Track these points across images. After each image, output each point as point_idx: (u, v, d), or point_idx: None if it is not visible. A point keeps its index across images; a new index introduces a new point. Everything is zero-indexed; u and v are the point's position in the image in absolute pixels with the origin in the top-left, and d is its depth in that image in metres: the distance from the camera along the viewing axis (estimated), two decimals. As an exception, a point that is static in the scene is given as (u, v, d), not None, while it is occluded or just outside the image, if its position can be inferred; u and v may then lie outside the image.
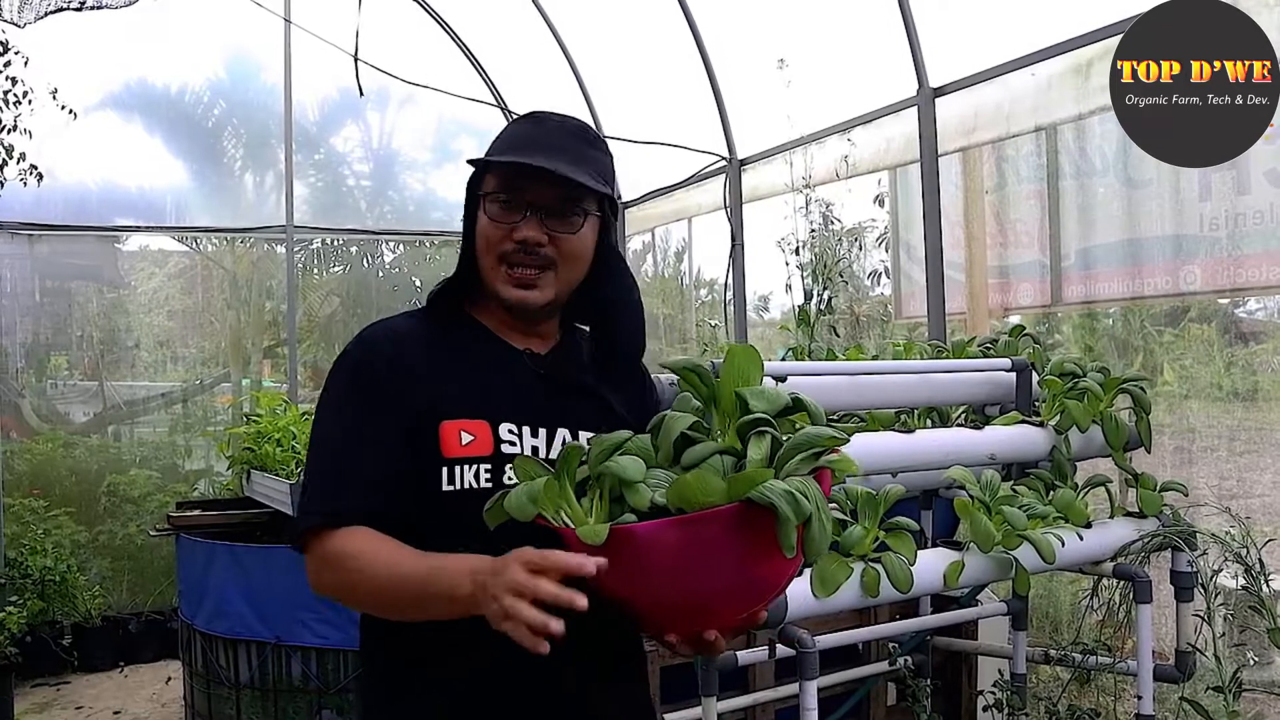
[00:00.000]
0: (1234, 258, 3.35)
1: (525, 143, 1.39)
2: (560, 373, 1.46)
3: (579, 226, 1.41)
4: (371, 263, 7.04)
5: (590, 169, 1.39)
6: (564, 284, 1.43)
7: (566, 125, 1.44)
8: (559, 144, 1.39)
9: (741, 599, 1.19)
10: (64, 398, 6.31)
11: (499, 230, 1.39)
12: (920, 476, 2.59)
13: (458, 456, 1.34)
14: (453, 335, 1.45)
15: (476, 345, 1.45)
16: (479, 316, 1.48)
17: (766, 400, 1.22)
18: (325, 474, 1.37)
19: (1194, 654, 2.48)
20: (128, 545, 5.86)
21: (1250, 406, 3.60)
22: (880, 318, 5.58)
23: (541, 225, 1.38)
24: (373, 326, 1.46)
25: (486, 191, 1.40)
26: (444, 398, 1.36)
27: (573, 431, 1.43)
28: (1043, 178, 4.10)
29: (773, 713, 2.77)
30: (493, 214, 1.39)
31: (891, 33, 3.98)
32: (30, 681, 5.22)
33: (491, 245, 1.40)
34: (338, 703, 3.37)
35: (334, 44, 5.26)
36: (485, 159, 1.41)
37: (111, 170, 6.24)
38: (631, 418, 1.48)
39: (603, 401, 1.48)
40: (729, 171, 5.28)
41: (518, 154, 1.37)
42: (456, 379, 1.39)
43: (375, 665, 1.42)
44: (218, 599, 3.59)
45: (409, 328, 1.45)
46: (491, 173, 1.40)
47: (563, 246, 1.40)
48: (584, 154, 1.40)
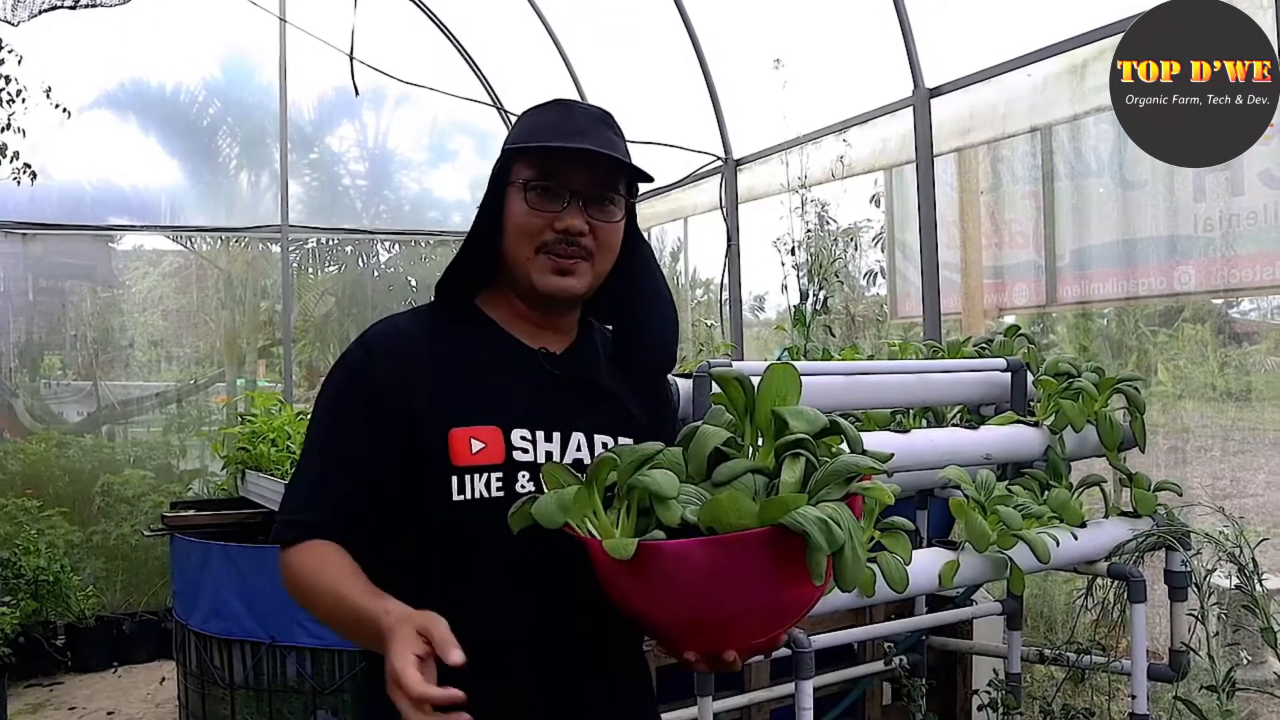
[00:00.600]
0: (1228, 258, 3.36)
1: (558, 128, 1.34)
2: (576, 373, 1.41)
3: (617, 216, 1.38)
4: (367, 262, 7.03)
5: (621, 154, 1.36)
6: (597, 275, 1.38)
7: (591, 112, 1.40)
8: (590, 129, 1.35)
9: (765, 622, 1.17)
10: (58, 397, 6.29)
11: (539, 219, 1.33)
12: (916, 476, 2.59)
13: (468, 465, 1.29)
14: (461, 333, 1.40)
15: (487, 345, 1.40)
16: (488, 310, 1.43)
17: (805, 420, 1.20)
18: (300, 483, 1.35)
19: (1188, 653, 2.48)
20: (122, 545, 5.85)
21: (1244, 407, 3.60)
22: (876, 318, 5.58)
23: (583, 213, 1.34)
24: (376, 326, 1.41)
25: (525, 179, 1.34)
26: (452, 403, 1.32)
27: (588, 436, 1.38)
28: (1038, 178, 4.11)
29: (768, 712, 2.77)
30: (533, 202, 1.33)
31: (887, 33, 3.99)
32: (23, 682, 5.20)
33: (530, 235, 1.34)
34: (333, 703, 3.36)
35: (330, 43, 5.26)
36: (523, 144, 1.35)
37: (106, 169, 6.23)
38: (648, 420, 1.45)
39: (620, 404, 1.43)
40: (725, 171, 5.29)
41: (555, 139, 1.33)
42: (465, 383, 1.35)
43: (374, 664, 1.40)
44: (212, 599, 3.58)
45: (414, 327, 1.40)
46: (525, 160, 1.35)
47: (600, 236, 1.36)
48: (611, 139, 1.37)
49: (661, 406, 1.52)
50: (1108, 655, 2.63)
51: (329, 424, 1.36)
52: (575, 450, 1.36)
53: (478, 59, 6.72)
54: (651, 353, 1.47)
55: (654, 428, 1.45)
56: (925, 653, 3.06)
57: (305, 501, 1.33)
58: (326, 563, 1.27)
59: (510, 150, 1.37)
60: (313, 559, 1.28)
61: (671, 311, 1.49)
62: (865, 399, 2.57)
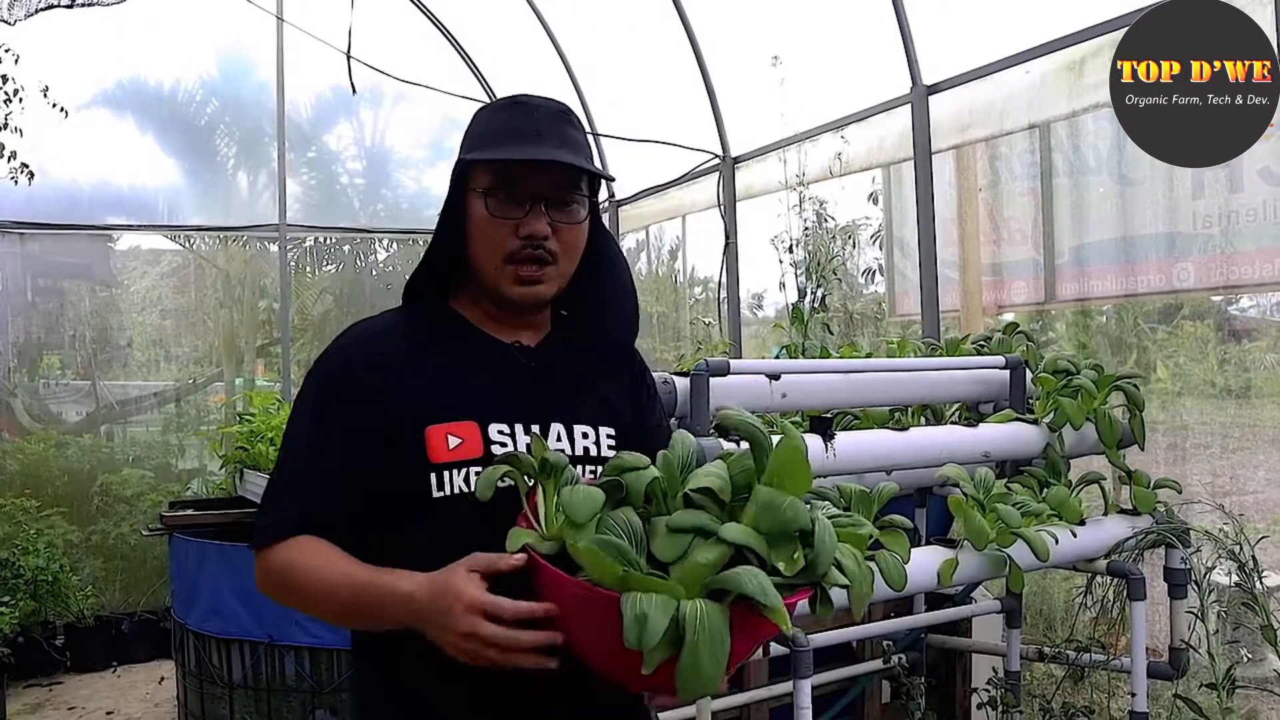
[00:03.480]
0: (1227, 255, 3.36)
1: (515, 132, 1.34)
2: (552, 365, 1.42)
3: (580, 216, 1.38)
4: (365, 261, 7.02)
5: (582, 153, 1.36)
6: (563, 276, 1.40)
7: (551, 108, 1.39)
8: (549, 130, 1.35)
9: (628, 676, 1.12)
10: (56, 397, 6.29)
11: (503, 226, 1.33)
12: (914, 474, 2.59)
13: (446, 461, 1.29)
14: (435, 332, 1.41)
15: (461, 342, 1.41)
16: (460, 308, 1.44)
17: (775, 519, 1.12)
18: (276, 488, 1.36)
19: (1187, 651, 2.48)
20: (120, 545, 5.84)
21: (1243, 404, 3.60)
22: (874, 315, 5.58)
23: (545, 216, 1.34)
24: (351, 328, 1.43)
25: (485, 188, 1.34)
26: (428, 401, 1.33)
27: (567, 426, 1.38)
28: (1036, 175, 4.10)
29: (767, 711, 2.77)
30: (494, 208, 1.34)
31: (885, 30, 3.98)
32: (23, 682, 5.19)
33: (496, 244, 1.34)
34: (331, 702, 3.36)
35: (327, 42, 5.25)
36: (482, 156, 1.35)
37: (103, 168, 6.22)
38: (624, 408, 1.47)
39: (598, 394, 1.44)
40: (723, 169, 5.28)
41: (512, 145, 1.33)
42: (441, 380, 1.35)
43: (365, 667, 1.40)
44: (211, 598, 3.57)
45: (388, 327, 1.42)
46: (484, 166, 1.35)
47: (565, 238, 1.36)
48: (571, 137, 1.36)
49: (639, 396, 1.52)
50: (1107, 653, 2.63)
51: (307, 428, 1.36)
52: (555, 441, 1.37)
53: (475, 57, 6.71)
54: (613, 336, 1.48)
55: (635, 413, 1.47)
56: (924, 651, 3.06)
57: (285, 503, 1.33)
58: (317, 552, 1.27)
59: (469, 160, 1.37)
60: (299, 553, 1.28)
61: (632, 299, 1.50)
62: (864, 397, 2.57)
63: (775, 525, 1.13)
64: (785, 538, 1.13)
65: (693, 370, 2.15)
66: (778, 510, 1.13)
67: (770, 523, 1.13)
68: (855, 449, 2.26)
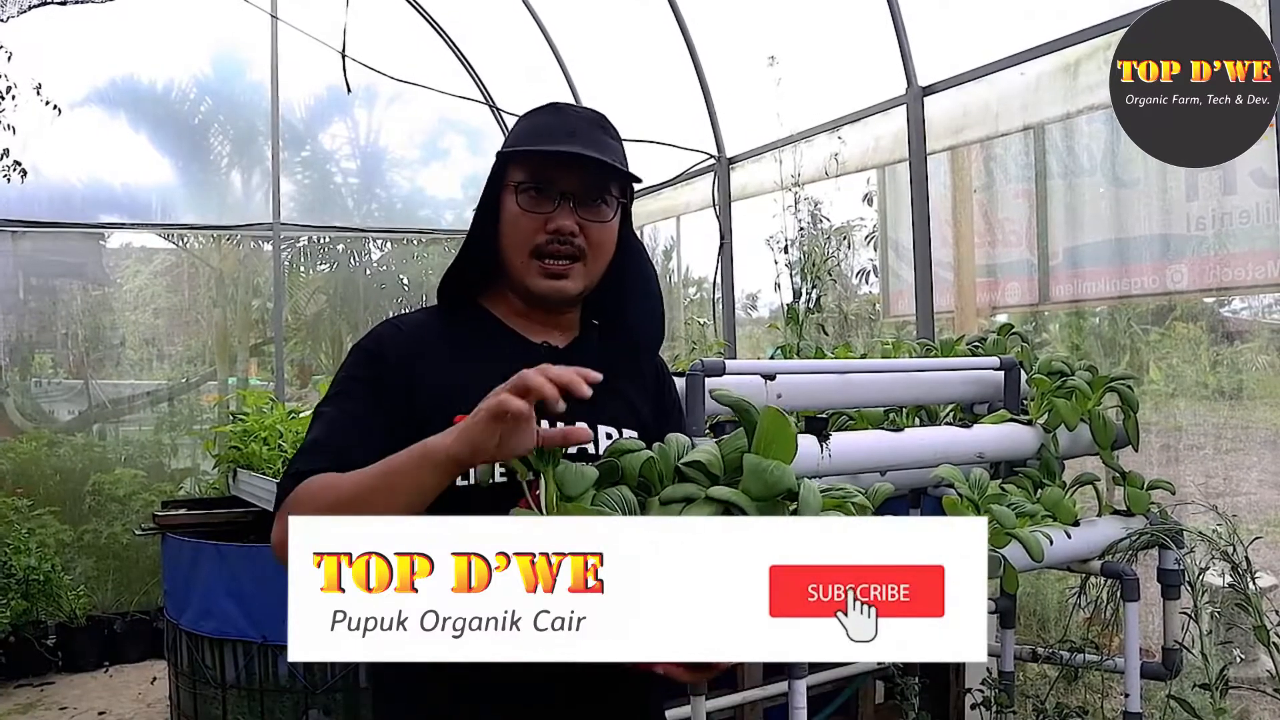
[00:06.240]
0: (1220, 257, 3.37)
1: (550, 131, 1.39)
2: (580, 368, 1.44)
3: (608, 216, 1.42)
4: (359, 261, 7.01)
5: (614, 157, 1.40)
6: (591, 276, 1.43)
7: (585, 114, 1.44)
8: (583, 132, 1.39)
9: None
10: (48, 396, 6.27)
11: (533, 221, 1.38)
12: (909, 475, 2.59)
13: None
14: (465, 329, 1.45)
15: (490, 340, 1.44)
16: (491, 307, 1.48)
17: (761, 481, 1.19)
18: (304, 449, 1.34)
19: (1181, 651, 2.49)
20: (113, 545, 5.82)
21: (1236, 405, 3.61)
22: (869, 316, 5.59)
23: (573, 214, 1.38)
24: (386, 322, 1.47)
25: (517, 182, 1.39)
26: (458, 392, 1.32)
27: (592, 427, 1.39)
28: (1031, 177, 4.11)
29: (761, 711, 2.77)
30: (525, 204, 1.38)
31: (880, 31, 3.99)
32: (14, 682, 5.18)
33: (525, 237, 1.39)
34: (324, 702, 3.35)
35: (321, 41, 5.24)
36: (515, 149, 1.40)
37: (97, 167, 6.20)
38: (646, 410, 1.50)
39: (620, 395, 1.47)
40: (718, 170, 5.28)
41: (546, 142, 1.37)
42: (471, 374, 1.35)
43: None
44: (204, 598, 3.56)
45: (421, 322, 1.46)
46: (518, 163, 1.40)
47: (592, 236, 1.40)
48: (604, 141, 1.41)
49: (663, 397, 1.55)
50: (1101, 654, 2.63)
51: (339, 398, 1.37)
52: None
53: (470, 57, 6.70)
54: (639, 342, 1.52)
55: (655, 418, 1.50)
56: (919, 651, 3.06)
57: (311, 458, 1.31)
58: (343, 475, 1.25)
59: (503, 154, 1.42)
60: (325, 478, 1.25)
61: (658, 303, 1.54)
62: (858, 398, 2.57)
63: (763, 488, 1.18)
64: (773, 502, 1.19)
65: (688, 370, 2.15)
66: (765, 473, 1.18)
67: (759, 486, 1.18)
68: (850, 450, 2.26)
